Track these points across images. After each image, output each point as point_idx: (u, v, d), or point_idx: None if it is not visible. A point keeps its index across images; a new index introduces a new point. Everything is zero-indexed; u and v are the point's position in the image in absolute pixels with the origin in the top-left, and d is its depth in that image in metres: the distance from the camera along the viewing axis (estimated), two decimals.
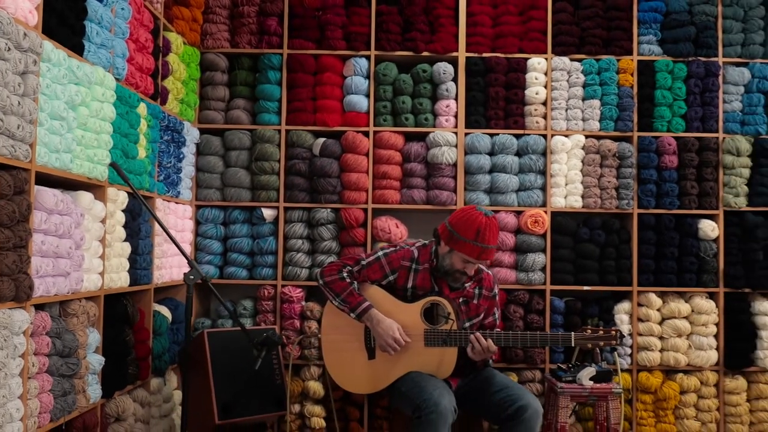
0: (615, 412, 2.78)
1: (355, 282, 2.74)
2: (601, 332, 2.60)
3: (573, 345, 2.60)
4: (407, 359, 2.69)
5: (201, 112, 3.75)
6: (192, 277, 2.58)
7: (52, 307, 2.39)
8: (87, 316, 2.54)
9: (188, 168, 3.60)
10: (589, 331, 2.61)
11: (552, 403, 2.86)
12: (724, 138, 3.73)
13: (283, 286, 3.68)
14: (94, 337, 2.58)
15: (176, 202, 3.48)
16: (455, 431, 2.78)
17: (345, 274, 2.73)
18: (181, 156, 3.47)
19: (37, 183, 2.23)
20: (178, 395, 3.45)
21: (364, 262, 2.76)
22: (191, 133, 3.59)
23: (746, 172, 3.72)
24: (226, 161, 3.75)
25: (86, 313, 2.53)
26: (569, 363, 3.04)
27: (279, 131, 3.73)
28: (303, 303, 3.68)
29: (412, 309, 2.70)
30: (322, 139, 3.73)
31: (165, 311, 3.34)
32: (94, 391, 2.57)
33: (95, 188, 2.61)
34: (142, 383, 3.05)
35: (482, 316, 2.82)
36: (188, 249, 3.61)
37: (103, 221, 2.65)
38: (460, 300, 2.76)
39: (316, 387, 3.63)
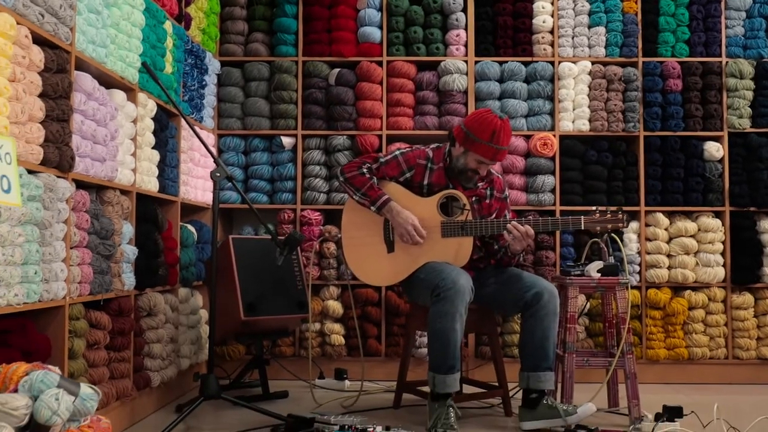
0: (622, 302, 2.89)
1: (375, 177, 2.88)
2: (609, 216, 2.72)
3: (582, 227, 2.71)
4: (425, 250, 2.82)
5: (221, 46, 3.92)
6: (218, 174, 2.75)
7: (90, 192, 2.56)
8: (121, 208, 2.71)
9: (210, 97, 3.77)
10: (598, 214, 2.73)
11: (562, 300, 2.98)
12: (727, 62, 3.85)
13: (302, 210, 3.84)
14: (128, 229, 2.75)
15: (200, 128, 3.64)
16: (470, 325, 2.91)
17: (365, 170, 2.87)
18: (204, 83, 3.64)
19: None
20: (204, 313, 3.61)
21: (382, 160, 2.90)
22: (213, 64, 3.76)
23: (749, 95, 3.83)
24: (246, 92, 3.92)
25: (120, 204, 2.70)
26: (578, 262, 3.16)
27: (296, 62, 3.90)
28: (321, 226, 3.83)
29: (428, 202, 2.84)
30: (337, 69, 3.89)
31: (191, 228, 3.50)
32: (128, 278, 2.73)
33: (127, 90, 2.78)
34: (171, 288, 3.21)
35: (494, 215, 2.95)
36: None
37: (134, 122, 2.82)
38: (473, 199, 2.89)
39: (335, 306, 3.79)
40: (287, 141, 3.88)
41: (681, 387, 3.65)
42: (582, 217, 2.73)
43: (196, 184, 3.59)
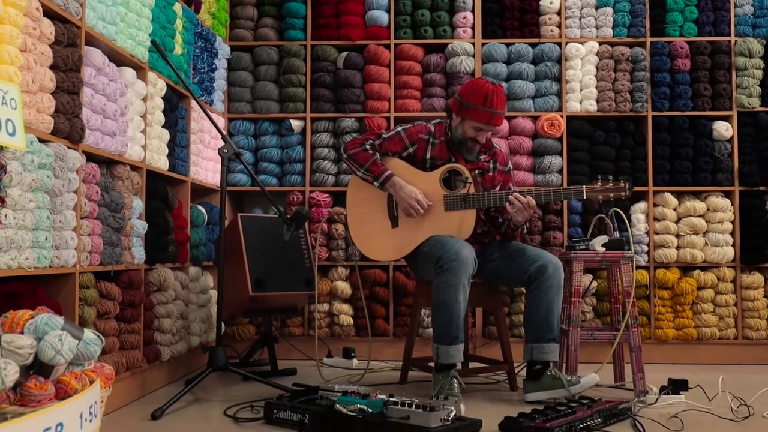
0: (627, 276, 2.89)
1: (378, 153, 2.92)
2: (611, 185, 2.73)
3: (585, 197, 2.72)
4: (429, 224, 2.85)
5: (231, 31, 3.99)
6: (226, 151, 2.81)
7: (101, 166, 2.62)
8: (131, 183, 2.77)
9: (220, 81, 3.83)
10: (599, 183, 2.74)
11: (567, 275, 2.99)
12: (736, 41, 3.83)
13: (311, 191, 3.89)
14: (138, 204, 2.81)
15: (210, 111, 3.70)
16: (475, 300, 2.94)
17: (368, 146, 2.91)
18: (214, 67, 3.70)
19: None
20: (214, 294, 3.66)
21: (385, 136, 2.94)
22: (223, 48, 3.82)
23: (759, 74, 3.81)
24: (256, 76, 3.98)
25: (130, 179, 2.76)
26: (584, 237, 3.17)
27: (305, 46, 3.96)
28: (330, 208, 3.88)
29: (431, 177, 2.87)
30: (345, 53, 3.94)
31: (202, 209, 3.56)
32: (138, 252, 2.79)
33: (137, 69, 2.84)
34: (181, 266, 3.27)
35: (498, 188, 2.97)
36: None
37: (144, 100, 2.88)
38: (476, 172, 2.92)
39: (343, 287, 3.83)
40: (296, 124, 3.93)
41: (690, 367, 3.64)
42: (584, 186, 2.73)
43: (207, 166, 3.65)
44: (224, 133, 2.91)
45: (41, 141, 2.15)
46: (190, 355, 3.33)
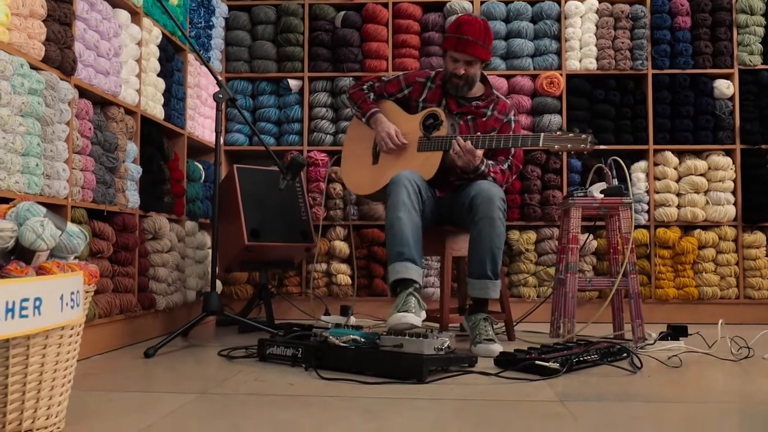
0: (626, 222, 2.86)
1: (372, 94, 2.95)
2: (572, 135, 2.59)
3: (541, 145, 2.61)
4: (401, 163, 2.83)
5: None
6: (221, 96, 2.78)
7: (94, 106, 2.60)
8: (126, 126, 2.75)
9: (217, 40, 3.81)
10: (559, 133, 2.61)
11: (566, 224, 2.97)
12: None
13: (309, 151, 3.87)
14: (132, 148, 2.79)
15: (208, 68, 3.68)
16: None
17: (365, 87, 2.97)
18: (211, 24, 3.68)
19: None
20: (211, 252, 3.64)
21: (385, 78, 2.99)
22: (220, 7, 3.80)
23: (760, 31, 3.77)
24: (253, 35, 3.96)
25: (125, 122, 2.74)
26: (582, 187, 3.14)
27: (303, 5, 3.93)
28: (328, 168, 3.86)
29: (413, 118, 2.87)
30: (343, 12, 3.91)
31: (199, 165, 3.54)
32: (132, 196, 2.77)
33: (132, 12, 2.82)
34: (177, 219, 3.25)
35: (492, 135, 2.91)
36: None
37: (139, 44, 2.86)
38: (468, 117, 2.88)
39: (341, 246, 3.80)
40: (294, 84, 3.91)
41: (691, 327, 3.59)
42: (542, 133, 2.62)
43: (204, 123, 3.63)
44: (219, 78, 2.89)
45: (32, 68, 2.14)
46: (187, 308, 3.31)
